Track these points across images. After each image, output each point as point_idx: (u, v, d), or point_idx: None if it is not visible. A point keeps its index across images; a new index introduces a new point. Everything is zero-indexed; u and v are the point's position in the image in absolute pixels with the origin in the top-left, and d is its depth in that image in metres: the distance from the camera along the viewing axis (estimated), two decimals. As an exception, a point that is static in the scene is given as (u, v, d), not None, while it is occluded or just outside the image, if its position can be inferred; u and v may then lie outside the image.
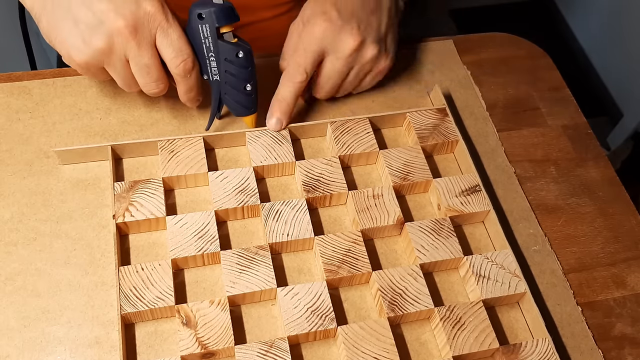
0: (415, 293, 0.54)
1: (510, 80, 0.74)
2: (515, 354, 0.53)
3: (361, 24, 0.61)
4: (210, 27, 0.56)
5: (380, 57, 0.64)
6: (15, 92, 0.65)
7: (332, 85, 0.64)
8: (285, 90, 0.61)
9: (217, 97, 0.61)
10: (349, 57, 0.62)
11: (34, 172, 0.60)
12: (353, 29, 0.60)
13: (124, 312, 0.51)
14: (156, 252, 0.57)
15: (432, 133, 0.65)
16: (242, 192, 0.58)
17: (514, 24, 2.07)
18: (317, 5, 0.61)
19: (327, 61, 0.62)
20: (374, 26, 0.63)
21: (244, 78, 0.59)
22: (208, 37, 0.56)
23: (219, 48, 0.57)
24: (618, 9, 1.81)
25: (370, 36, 0.62)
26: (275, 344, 0.51)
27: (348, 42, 0.61)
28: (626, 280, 0.60)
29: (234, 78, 0.59)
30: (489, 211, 0.60)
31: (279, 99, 0.62)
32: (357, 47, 0.61)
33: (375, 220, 0.58)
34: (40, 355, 0.51)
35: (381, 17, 0.64)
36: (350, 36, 0.60)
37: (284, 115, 0.62)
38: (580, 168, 0.67)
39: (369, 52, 0.62)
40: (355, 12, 0.61)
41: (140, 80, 0.56)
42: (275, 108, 0.62)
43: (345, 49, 0.61)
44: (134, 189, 0.57)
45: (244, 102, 0.61)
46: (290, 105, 0.62)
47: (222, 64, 0.58)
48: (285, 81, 0.61)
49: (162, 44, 0.55)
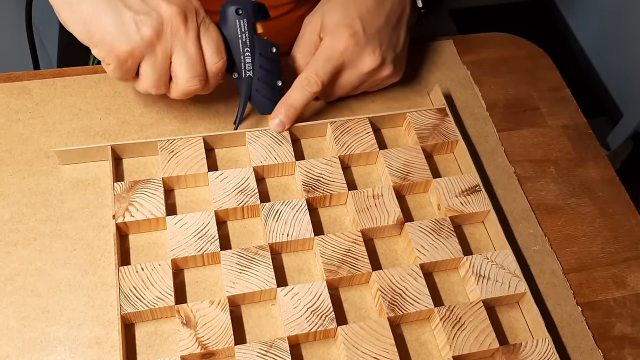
0: (415, 293, 0.54)
1: (510, 80, 0.74)
2: (515, 354, 0.53)
3: (383, 44, 0.62)
4: (247, 22, 0.57)
5: (393, 74, 0.65)
6: (15, 92, 0.65)
7: (342, 94, 0.66)
8: (297, 96, 0.61)
9: (248, 95, 0.61)
10: (366, 75, 0.63)
11: (34, 172, 0.60)
12: (375, 50, 0.61)
13: (124, 312, 0.51)
14: (156, 252, 0.57)
15: (432, 133, 0.65)
16: (242, 192, 0.58)
17: (514, 24, 2.07)
18: (344, 15, 0.61)
19: (344, 74, 0.63)
20: (393, 44, 0.64)
21: (276, 73, 0.60)
22: (245, 32, 0.57)
23: (255, 43, 0.58)
24: (618, 9, 1.81)
25: (390, 56, 0.63)
26: (275, 344, 0.51)
27: (368, 62, 0.62)
28: (626, 280, 0.60)
29: (267, 73, 0.60)
30: (489, 211, 0.60)
31: (289, 102, 0.61)
32: (377, 67, 0.63)
33: (375, 220, 0.58)
34: (40, 355, 0.51)
35: (400, 33, 0.64)
36: (372, 56, 0.61)
37: (289, 119, 0.62)
38: (580, 168, 0.67)
39: (386, 71, 0.64)
40: (380, 28, 0.62)
41: (182, 75, 0.55)
42: (281, 110, 0.61)
43: (364, 67, 0.62)
44: (134, 189, 0.57)
45: (275, 97, 0.61)
46: (298, 111, 0.62)
47: (257, 59, 0.59)
48: (299, 87, 0.61)
49: (203, 38, 0.55)
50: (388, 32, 0.63)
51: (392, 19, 0.63)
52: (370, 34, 0.61)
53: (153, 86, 0.56)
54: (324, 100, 0.67)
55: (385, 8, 0.63)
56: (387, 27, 0.63)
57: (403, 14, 0.65)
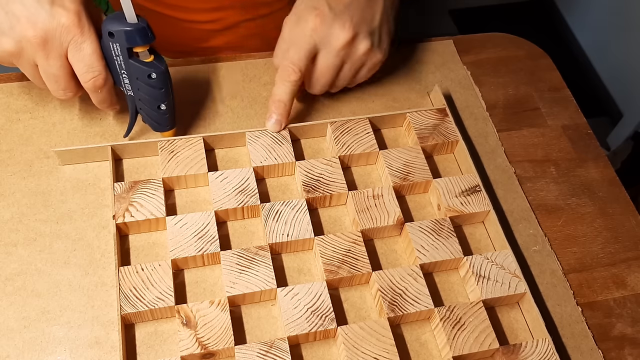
0: (415, 293, 0.54)
1: (510, 80, 0.74)
2: (515, 355, 0.53)
3: (354, 17, 0.60)
4: (121, 47, 0.54)
5: (373, 50, 0.63)
6: (15, 92, 0.65)
7: (327, 80, 0.64)
8: (280, 91, 0.61)
9: (134, 109, 0.60)
10: (342, 50, 0.61)
11: (34, 173, 0.60)
12: (345, 23, 0.60)
13: (124, 313, 0.51)
14: (156, 252, 0.57)
15: (432, 133, 0.65)
16: (242, 193, 0.58)
17: (514, 24, 2.08)
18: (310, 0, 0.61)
19: (320, 56, 0.62)
20: (367, 19, 0.62)
21: (157, 98, 0.57)
22: (119, 56, 0.55)
23: (130, 67, 0.55)
24: (618, 9, 1.81)
25: (363, 30, 0.61)
26: (275, 344, 0.51)
27: (340, 36, 0.60)
28: (626, 280, 0.60)
29: (148, 97, 0.57)
30: (489, 211, 0.60)
31: (276, 99, 0.61)
32: (350, 40, 0.60)
33: (375, 220, 0.58)
34: (40, 356, 0.51)
35: (375, 10, 0.63)
36: (342, 30, 0.60)
37: (282, 115, 0.62)
38: (580, 168, 0.67)
39: (362, 45, 0.62)
40: (348, 4, 0.61)
41: (48, 86, 0.56)
42: (272, 109, 0.61)
43: (337, 43, 0.60)
44: (134, 189, 0.57)
45: (159, 119, 0.59)
46: (288, 105, 0.61)
47: (135, 83, 0.57)
48: (280, 81, 0.61)
49: (73, 57, 0.54)
50: (359, 7, 0.61)
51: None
52: (338, 10, 0.60)
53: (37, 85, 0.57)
54: (315, 93, 0.66)
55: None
56: (357, 3, 0.61)
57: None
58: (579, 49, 2.00)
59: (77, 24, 0.52)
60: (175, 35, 0.81)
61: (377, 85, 0.71)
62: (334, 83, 0.65)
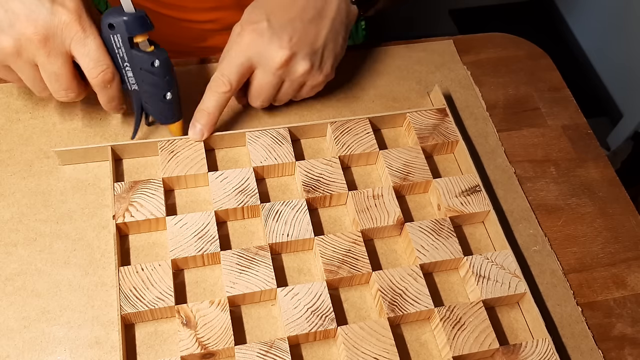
0: (415, 293, 0.54)
1: (510, 80, 0.74)
2: (515, 355, 0.53)
3: (294, 36, 0.58)
4: (122, 37, 0.54)
5: (312, 71, 0.61)
6: (15, 92, 0.65)
7: (266, 96, 0.62)
8: (208, 101, 0.59)
9: (139, 106, 0.59)
10: (278, 70, 0.59)
11: (34, 173, 0.60)
12: (283, 42, 0.58)
13: (124, 313, 0.51)
14: (156, 252, 0.57)
15: (432, 133, 0.65)
16: (242, 193, 0.58)
17: (514, 24, 2.08)
18: (251, 13, 0.59)
19: (257, 73, 0.60)
20: (309, 38, 0.59)
21: (162, 87, 0.57)
22: (121, 47, 0.55)
23: (133, 58, 0.55)
24: (618, 9, 1.81)
25: (303, 50, 0.59)
26: (275, 344, 0.51)
27: (276, 56, 0.58)
28: (626, 280, 0.60)
29: (152, 87, 0.57)
30: (489, 211, 0.60)
31: (202, 108, 0.59)
32: (286, 61, 0.58)
33: (375, 220, 0.58)
34: (40, 356, 0.51)
35: (320, 27, 0.60)
36: (279, 50, 0.58)
37: (205, 126, 0.60)
38: (580, 168, 0.67)
39: (300, 67, 0.59)
40: (290, 21, 0.58)
41: (49, 86, 0.55)
42: (197, 117, 0.60)
43: (273, 63, 0.58)
44: (134, 189, 0.57)
45: (165, 111, 0.59)
46: (212, 115, 0.60)
47: (138, 74, 0.56)
48: (209, 91, 0.59)
49: (79, 53, 0.53)
50: (301, 26, 0.59)
51: (308, 12, 0.59)
52: (277, 26, 0.58)
53: (33, 90, 0.56)
54: (257, 107, 0.64)
55: (299, 3, 0.59)
56: (300, 20, 0.59)
57: (325, 9, 0.61)
58: (579, 49, 2.00)
59: (78, 21, 0.52)
60: (173, 35, 0.81)
61: (377, 85, 0.71)
62: (276, 98, 0.64)
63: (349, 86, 0.70)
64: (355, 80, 0.71)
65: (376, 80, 0.71)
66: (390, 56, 0.74)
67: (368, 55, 0.73)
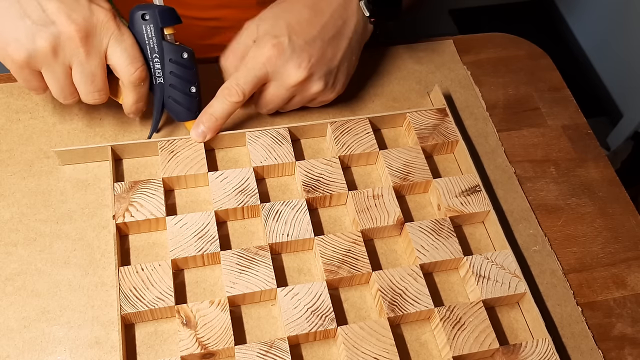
0: (415, 293, 0.54)
1: (510, 80, 0.74)
2: (515, 355, 0.53)
3: (313, 57, 0.59)
4: (154, 28, 0.56)
5: (325, 90, 0.62)
6: (15, 92, 0.65)
7: (274, 106, 0.63)
8: (218, 106, 0.59)
9: (161, 103, 0.60)
10: (292, 87, 0.60)
11: (34, 173, 0.60)
12: (302, 63, 0.58)
13: (124, 313, 0.51)
14: (156, 252, 0.57)
15: (432, 133, 0.65)
16: (242, 193, 0.58)
17: (514, 24, 2.08)
18: (273, 25, 0.59)
19: (270, 85, 0.60)
20: (327, 59, 0.60)
21: (188, 79, 0.58)
22: (152, 38, 0.56)
23: (163, 49, 0.56)
24: (618, 9, 1.81)
25: (319, 71, 0.60)
26: (275, 344, 0.51)
27: (293, 75, 0.58)
28: (626, 280, 0.60)
29: (179, 80, 0.58)
30: (489, 211, 0.60)
31: (210, 112, 0.59)
32: (302, 81, 0.59)
33: (375, 220, 0.58)
34: (40, 356, 0.51)
35: (338, 48, 0.61)
36: (297, 69, 0.58)
37: (210, 130, 0.60)
38: (580, 168, 0.67)
39: (314, 87, 0.61)
40: (312, 41, 0.59)
41: (82, 88, 0.55)
42: (203, 119, 0.60)
43: (289, 80, 0.59)
44: (134, 189, 0.57)
45: (189, 105, 0.60)
46: (219, 121, 0.60)
47: (167, 65, 0.57)
48: (220, 97, 0.59)
49: (115, 51, 0.53)
50: (321, 46, 0.59)
51: (328, 32, 0.60)
52: (297, 46, 0.58)
53: (59, 96, 0.56)
54: (263, 113, 0.65)
55: (321, 20, 0.60)
56: (320, 40, 0.59)
57: (344, 28, 0.61)
58: (579, 49, 2.00)
59: (114, 20, 0.53)
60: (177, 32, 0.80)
61: (377, 85, 0.71)
62: (283, 108, 0.64)
63: (349, 86, 0.70)
64: (355, 80, 0.71)
65: (376, 80, 0.71)
66: (390, 56, 0.74)
67: (368, 55, 0.73)
